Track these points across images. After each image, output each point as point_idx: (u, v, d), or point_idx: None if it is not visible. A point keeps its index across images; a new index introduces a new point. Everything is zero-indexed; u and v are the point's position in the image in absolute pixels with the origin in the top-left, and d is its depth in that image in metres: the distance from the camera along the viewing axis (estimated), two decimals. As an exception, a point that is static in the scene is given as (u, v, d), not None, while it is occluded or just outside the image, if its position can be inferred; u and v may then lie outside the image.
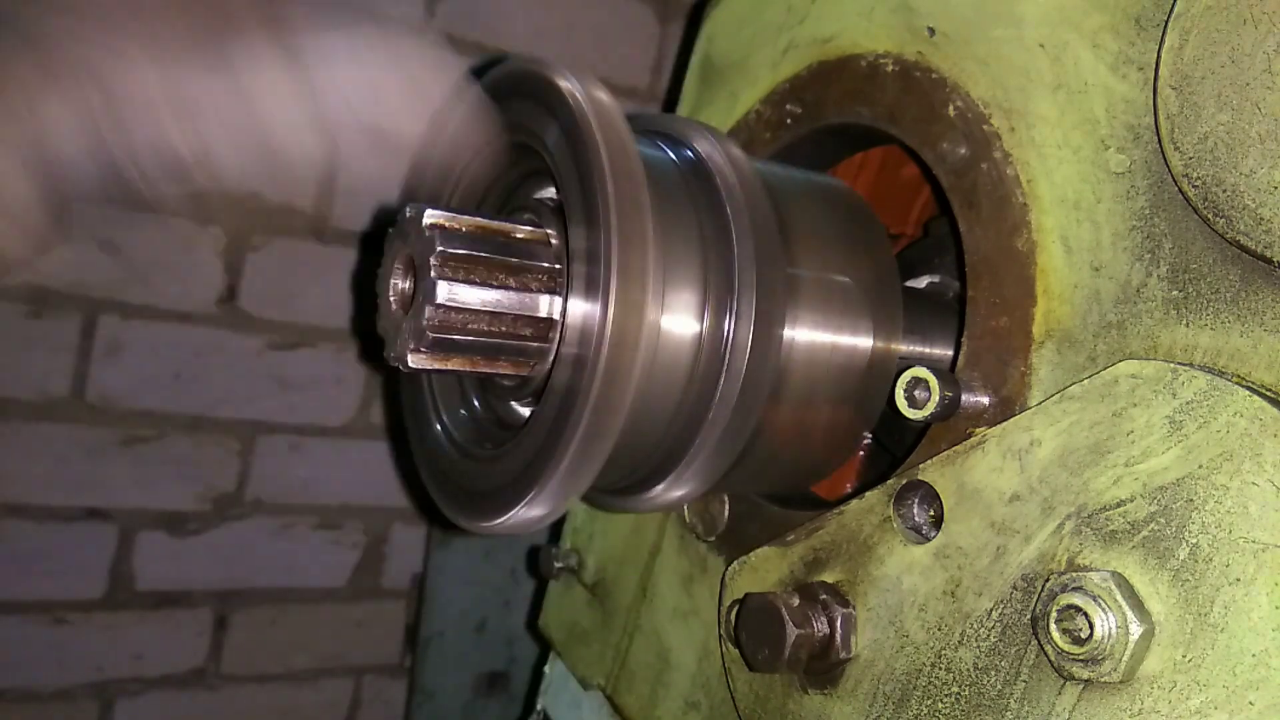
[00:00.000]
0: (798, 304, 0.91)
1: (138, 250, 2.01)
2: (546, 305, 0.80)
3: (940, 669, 0.77)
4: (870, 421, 1.00)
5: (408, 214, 0.81)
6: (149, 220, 2.01)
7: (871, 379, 0.97)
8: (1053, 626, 0.67)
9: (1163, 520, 0.65)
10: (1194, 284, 0.71)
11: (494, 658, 2.58)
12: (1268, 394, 0.64)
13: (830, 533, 0.86)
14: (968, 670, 0.75)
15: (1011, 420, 0.75)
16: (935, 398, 0.80)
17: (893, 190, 1.23)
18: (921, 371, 0.81)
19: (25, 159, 0.75)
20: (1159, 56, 0.69)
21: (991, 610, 0.74)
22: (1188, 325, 0.71)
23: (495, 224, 0.83)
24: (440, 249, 0.77)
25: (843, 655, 0.83)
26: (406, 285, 0.84)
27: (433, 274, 0.76)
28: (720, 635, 0.97)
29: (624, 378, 0.76)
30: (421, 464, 0.98)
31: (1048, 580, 0.70)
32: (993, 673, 0.73)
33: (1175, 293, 0.72)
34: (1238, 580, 0.61)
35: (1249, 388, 0.64)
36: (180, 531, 2.19)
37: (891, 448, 1.09)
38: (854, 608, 0.83)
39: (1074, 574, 0.68)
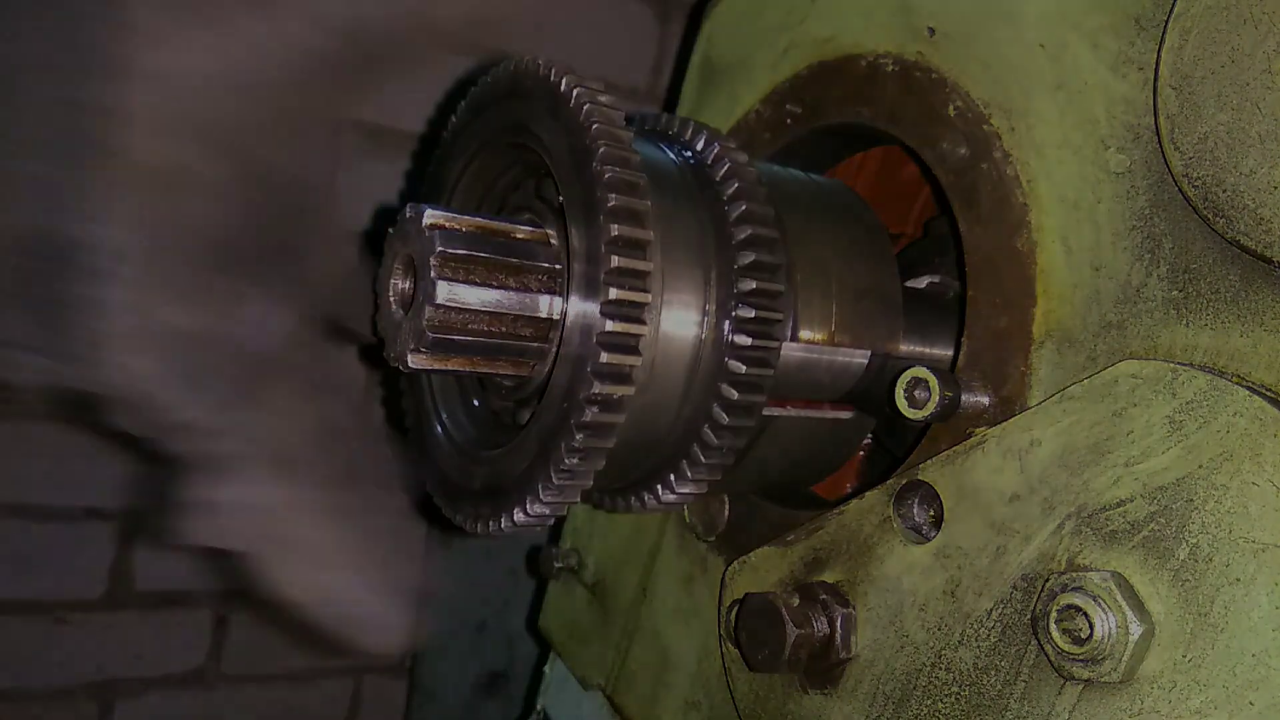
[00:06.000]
0: (798, 304, 0.91)
1: (138, 250, 2.01)
2: (546, 305, 0.80)
3: (940, 669, 0.77)
4: (870, 422, 1.01)
5: (408, 214, 0.81)
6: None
7: (871, 379, 0.97)
8: (1053, 626, 0.67)
9: (1163, 520, 0.65)
10: (1194, 284, 0.71)
11: (494, 658, 2.58)
12: (1268, 394, 0.64)
13: (830, 533, 0.86)
14: (968, 670, 0.75)
15: (1011, 420, 0.75)
16: (935, 398, 0.80)
17: (893, 190, 1.22)
18: (921, 371, 0.81)
19: None
20: (1159, 56, 0.69)
21: (991, 610, 0.74)
22: (1188, 325, 0.71)
23: (495, 224, 0.83)
24: (440, 249, 0.77)
25: (843, 655, 0.83)
26: (406, 285, 0.84)
27: (433, 274, 0.76)
28: (720, 635, 0.97)
29: (624, 378, 0.76)
30: (422, 464, 0.98)
31: (1048, 580, 0.70)
32: (993, 673, 0.73)
33: (1175, 293, 0.72)
34: (1238, 580, 0.61)
35: (1249, 388, 0.64)
36: (180, 531, 2.19)
37: (891, 448, 1.09)
38: (854, 608, 0.83)
39: (1074, 574, 0.68)
